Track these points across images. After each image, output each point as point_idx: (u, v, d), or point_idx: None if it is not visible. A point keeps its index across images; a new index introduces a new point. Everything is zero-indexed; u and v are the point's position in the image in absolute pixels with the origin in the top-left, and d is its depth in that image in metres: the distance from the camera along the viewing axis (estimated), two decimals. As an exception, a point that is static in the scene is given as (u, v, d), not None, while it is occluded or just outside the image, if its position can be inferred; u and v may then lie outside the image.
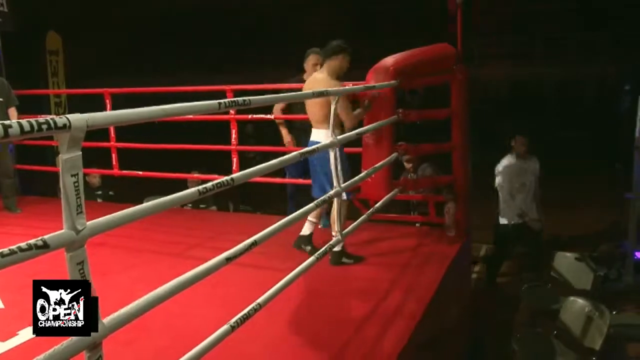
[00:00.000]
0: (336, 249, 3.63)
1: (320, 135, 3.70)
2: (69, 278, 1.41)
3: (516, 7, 18.02)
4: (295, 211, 2.72)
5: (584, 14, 17.96)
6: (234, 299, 3.00)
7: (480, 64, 16.32)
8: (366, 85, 3.81)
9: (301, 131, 4.55)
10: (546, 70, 18.03)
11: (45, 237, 1.32)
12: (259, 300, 2.29)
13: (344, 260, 3.86)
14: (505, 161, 5.66)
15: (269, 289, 2.39)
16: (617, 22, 15.89)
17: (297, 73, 4.74)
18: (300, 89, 4.07)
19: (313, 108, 3.79)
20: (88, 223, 1.42)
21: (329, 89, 3.28)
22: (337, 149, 3.24)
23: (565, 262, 4.84)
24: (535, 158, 5.70)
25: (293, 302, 3.08)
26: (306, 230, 3.98)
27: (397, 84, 4.01)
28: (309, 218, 3.96)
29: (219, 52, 21.81)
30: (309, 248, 3.91)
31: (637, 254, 5.93)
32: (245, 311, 2.18)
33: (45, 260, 1.40)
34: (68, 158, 1.36)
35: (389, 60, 4.15)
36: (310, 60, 4.51)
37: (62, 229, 1.38)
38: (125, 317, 1.56)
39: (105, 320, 1.49)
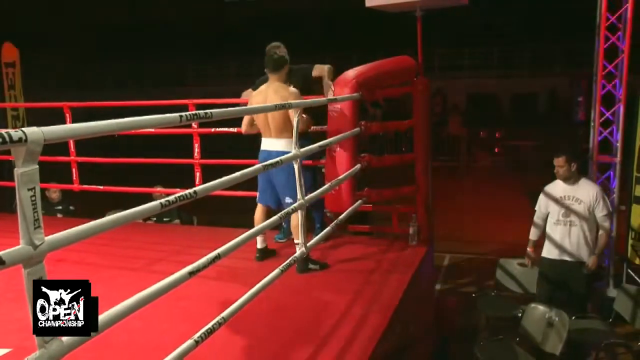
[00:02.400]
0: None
1: (280, 145, 3.77)
2: (26, 296, 1.37)
3: (472, 21, 18.53)
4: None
5: (537, 28, 18.58)
6: (197, 313, 2.97)
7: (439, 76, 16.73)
8: (328, 97, 3.85)
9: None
10: (501, 82, 18.58)
11: (1, 253, 1.28)
12: (223, 314, 2.27)
13: (310, 266, 3.91)
14: (551, 184, 4.59)
15: (233, 303, 2.38)
16: (568, 35, 16.47)
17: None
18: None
19: (273, 118, 3.85)
20: (46, 238, 1.39)
21: (292, 101, 3.32)
22: (300, 160, 3.27)
23: (510, 268, 4.97)
24: (591, 183, 4.48)
25: (257, 316, 3.06)
26: (261, 243, 4.11)
27: (359, 97, 4.06)
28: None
29: (181, 65, 21.64)
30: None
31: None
32: (209, 325, 2.16)
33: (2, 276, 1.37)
34: (24, 172, 1.33)
35: (351, 73, 4.20)
36: None
37: (19, 244, 1.35)
38: (86, 334, 1.53)
39: (65, 338, 1.46)
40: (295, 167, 3.21)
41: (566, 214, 4.43)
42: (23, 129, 1.33)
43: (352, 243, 4.58)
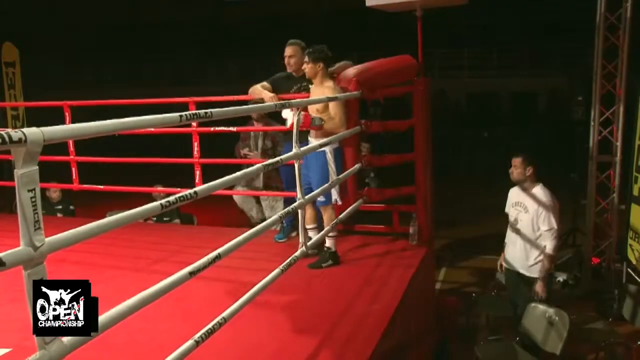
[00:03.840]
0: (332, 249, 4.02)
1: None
2: (26, 297, 1.37)
3: (471, 20, 18.53)
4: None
5: (537, 27, 18.57)
6: (198, 313, 2.96)
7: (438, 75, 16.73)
8: (328, 96, 3.84)
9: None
10: (500, 82, 18.57)
11: (1, 254, 1.28)
12: (224, 314, 2.27)
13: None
14: (514, 187, 4.33)
15: (233, 303, 2.38)
16: (568, 35, 16.48)
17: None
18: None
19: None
20: (47, 239, 1.39)
21: (293, 100, 3.35)
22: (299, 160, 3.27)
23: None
24: (543, 194, 4.06)
25: (258, 315, 3.06)
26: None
27: (359, 95, 4.06)
28: (307, 226, 3.90)
29: (183, 64, 21.60)
30: (330, 262, 4.01)
31: (593, 259, 6.11)
32: (209, 325, 2.16)
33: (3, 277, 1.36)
34: (24, 173, 1.33)
35: (351, 72, 4.20)
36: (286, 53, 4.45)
37: (19, 246, 1.34)
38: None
39: (65, 339, 1.45)
40: (296, 165, 3.21)
41: (515, 220, 4.22)
42: (23, 129, 1.32)
43: (352, 242, 4.57)
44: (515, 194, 4.27)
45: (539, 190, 4.08)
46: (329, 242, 4.01)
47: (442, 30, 15.77)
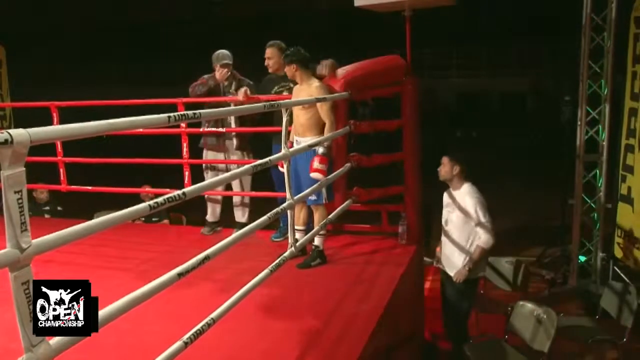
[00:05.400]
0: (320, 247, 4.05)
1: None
2: (13, 299, 1.36)
3: (461, 21, 18.63)
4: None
5: (524, 29, 18.72)
6: (187, 314, 2.95)
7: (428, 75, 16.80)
8: (317, 97, 3.84)
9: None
10: (490, 82, 18.69)
11: (-13, 256, 1.27)
12: (212, 315, 2.27)
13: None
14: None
15: (222, 304, 2.37)
16: (557, 35, 16.61)
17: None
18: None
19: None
20: (34, 241, 1.38)
21: (282, 101, 3.34)
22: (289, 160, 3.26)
23: (498, 266, 5.02)
24: (470, 193, 4.05)
25: (247, 316, 3.06)
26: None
27: (348, 96, 4.07)
28: (296, 227, 3.83)
29: (174, 64, 21.48)
30: (318, 261, 4.02)
31: (580, 257, 6.16)
32: (198, 326, 2.16)
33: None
34: (11, 174, 1.32)
35: (340, 72, 4.20)
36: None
37: (5, 248, 1.33)
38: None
39: (52, 341, 1.45)
40: (285, 167, 3.20)
41: (445, 222, 4.22)
42: (9, 130, 1.31)
43: (342, 241, 4.58)
44: (446, 196, 4.25)
45: (465, 188, 4.08)
46: (317, 241, 4.02)
47: (431, 30, 15.83)
